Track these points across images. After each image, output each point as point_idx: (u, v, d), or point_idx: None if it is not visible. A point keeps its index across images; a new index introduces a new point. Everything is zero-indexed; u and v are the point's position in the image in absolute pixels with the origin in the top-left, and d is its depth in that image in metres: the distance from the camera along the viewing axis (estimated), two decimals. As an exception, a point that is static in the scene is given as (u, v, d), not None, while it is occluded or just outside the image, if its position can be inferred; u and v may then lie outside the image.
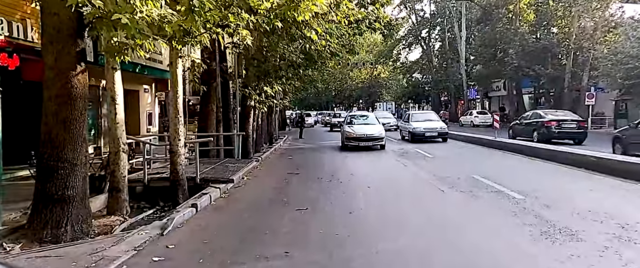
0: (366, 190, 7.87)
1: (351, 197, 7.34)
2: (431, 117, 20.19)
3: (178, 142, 8.08)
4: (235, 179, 8.82)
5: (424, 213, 6.01)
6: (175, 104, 8.04)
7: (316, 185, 8.58)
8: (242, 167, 10.32)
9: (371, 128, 16.28)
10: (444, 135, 18.32)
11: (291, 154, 15.47)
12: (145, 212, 7.61)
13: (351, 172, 10.15)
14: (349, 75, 53.47)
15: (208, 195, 7.03)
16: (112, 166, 7.17)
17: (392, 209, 6.37)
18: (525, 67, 25.99)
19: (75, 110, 5.50)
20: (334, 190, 7.98)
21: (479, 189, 7.58)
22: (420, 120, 19.21)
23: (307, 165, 12.18)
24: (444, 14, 39.13)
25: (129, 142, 8.94)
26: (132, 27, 5.06)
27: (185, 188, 8.05)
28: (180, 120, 8.07)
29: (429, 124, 18.71)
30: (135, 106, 15.81)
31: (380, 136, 15.61)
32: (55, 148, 5.38)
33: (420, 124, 18.62)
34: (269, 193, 7.73)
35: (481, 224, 5.41)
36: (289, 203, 6.84)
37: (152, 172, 9.39)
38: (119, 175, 7.14)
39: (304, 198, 7.17)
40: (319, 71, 19.16)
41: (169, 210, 7.66)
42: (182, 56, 8.24)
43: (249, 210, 6.43)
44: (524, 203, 6.33)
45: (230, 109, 13.50)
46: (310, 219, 5.80)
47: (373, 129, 16.10)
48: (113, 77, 7.14)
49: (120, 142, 7.16)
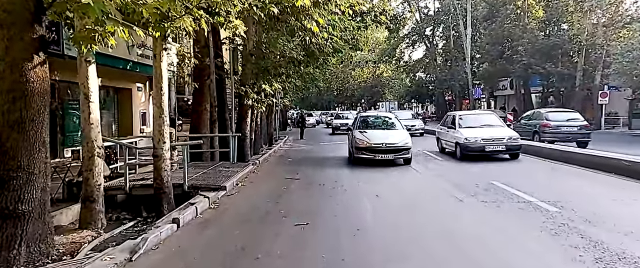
0: (374, 200, 6.95)
1: (358, 208, 6.44)
2: (491, 120, 13.19)
3: (163, 145, 7.17)
4: (228, 186, 7.92)
5: (444, 233, 5.07)
6: (160, 102, 7.13)
7: (318, 192, 7.68)
8: (236, 172, 9.42)
9: (393, 134, 11.76)
10: (515, 149, 11.84)
11: (291, 156, 14.55)
12: (124, 225, 6.73)
13: (358, 179, 9.18)
14: (351, 74, 52.57)
15: (194, 207, 6.14)
16: (86, 173, 6.28)
17: (405, 226, 5.46)
18: (535, 64, 25.03)
19: (31, 108, 4.61)
20: (337, 199, 7.08)
21: (504, 199, 6.66)
22: (475, 126, 12.45)
23: (307, 168, 11.28)
24: (449, 11, 38.19)
25: (109, 145, 8.05)
26: (97, 9, 4.19)
27: (170, 197, 7.15)
28: (164, 120, 7.16)
29: (489, 132, 11.98)
30: (127, 105, 14.95)
31: (405, 146, 11.14)
32: (6, 155, 4.50)
33: (474, 133, 11.94)
34: (264, 203, 6.82)
35: (517, 248, 4.47)
36: (287, 215, 5.94)
37: (137, 178, 8.50)
38: (93, 183, 6.25)
39: (305, 210, 6.28)
40: (321, 69, 18.21)
41: (152, 222, 6.80)
42: (168, 48, 7.34)
43: (240, 226, 5.53)
44: (560, 218, 5.42)
45: (226, 108, 12.61)
46: (311, 238, 4.90)
47: (395, 136, 11.55)
48: (86, 71, 6.26)
49: (94, 146, 6.27)
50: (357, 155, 11.26)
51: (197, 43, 10.60)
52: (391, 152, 11.07)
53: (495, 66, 30.05)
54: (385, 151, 11.03)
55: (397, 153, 11.11)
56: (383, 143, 11.10)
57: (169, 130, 8.04)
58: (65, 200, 7.32)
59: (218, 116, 11.84)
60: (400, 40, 43.23)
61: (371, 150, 11.09)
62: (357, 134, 11.74)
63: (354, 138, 11.69)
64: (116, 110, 14.99)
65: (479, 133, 11.90)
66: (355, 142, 11.45)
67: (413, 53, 47.18)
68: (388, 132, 12.03)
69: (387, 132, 12.03)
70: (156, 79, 7.10)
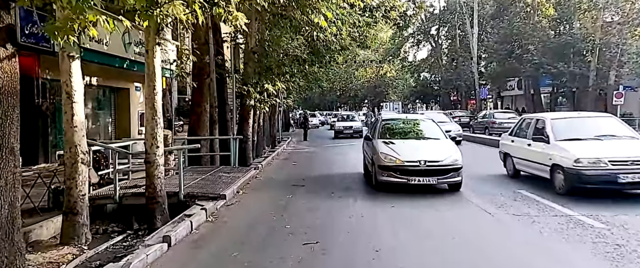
0: (391, 212, 6.25)
1: (373, 222, 5.73)
2: (613, 127, 8.14)
3: (156, 149, 6.47)
4: (228, 195, 7.23)
5: (483, 260, 4.33)
6: (152, 102, 6.44)
7: (327, 203, 6.97)
8: (238, 178, 8.73)
9: (433, 147, 8.31)
10: None
11: (296, 160, 13.84)
12: (112, 239, 6.04)
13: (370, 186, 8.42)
14: (354, 74, 51.89)
15: (188, 221, 5.44)
16: (68, 182, 5.60)
17: (428, 241, 4.74)
18: (546, 64, 24.22)
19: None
20: (349, 211, 6.37)
21: (538, 211, 5.94)
22: (587, 137, 7.61)
23: (314, 173, 10.58)
24: (455, 10, 37.44)
25: (96, 149, 7.37)
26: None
27: (164, 207, 6.45)
28: (158, 122, 6.46)
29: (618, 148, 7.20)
30: (125, 106, 14.30)
31: (454, 164, 7.68)
32: (-35, 165, 3.83)
33: (592, 150, 7.05)
34: (268, 216, 6.12)
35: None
36: (294, 232, 5.23)
37: (129, 185, 7.82)
38: (77, 193, 5.58)
39: (313, 225, 5.58)
40: (326, 68, 17.50)
41: (145, 235, 6.12)
42: (162, 43, 6.65)
43: (240, 246, 4.82)
44: (613, 237, 4.71)
45: (226, 108, 11.92)
46: (321, 263, 4.19)
47: (437, 149, 8.12)
48: (69, 67, 5.57)
49: (78, 151, 5.59)
50: (382, 177, 7.65)
51: (196, 39, 9.91)
52: (434, 174, 7.52)
53: (503, 65, 29.26)
54: (424, 172, 7.47)
55: (442, 175, 7.56)
56: (421, 161, 7.49)
57: (163, 133, 7.39)
58: (50, 209, 6.64)
59: (218, 117, 11.15)
60: (404, 39, 42.46)
61: (404, 170, 7.51)
62: (380, 147, 8.08)
63: (376, 152, 8.02)
64: (113, 111, 14.36)
65: (601, 150, 6.94)
66: (378, 159, 7.81)
67: (418, 53, 46.51)
68: (425, 143, 8.50)
69: (423, 143, 8.49)
70: (149, 76, 6.41)
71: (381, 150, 7.97)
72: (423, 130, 9.16)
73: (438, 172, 7.56)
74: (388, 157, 7.73)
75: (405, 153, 7.77)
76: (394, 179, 7.58)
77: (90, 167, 7.16)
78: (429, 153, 7.80)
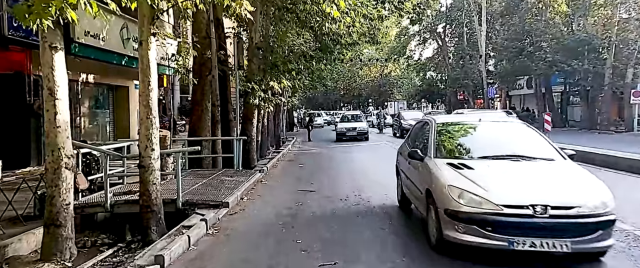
0: (416, 220, 5.53)
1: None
2: None
3: (151, 152, 5.79)
4: (231, 202, 6.55)
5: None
6: (147, 100, 5.75)
7: (340, 211, 6.27)
8: (241, 182, 8.05)
9: (550, 177, 4.52)
10: None
11: (302, 161, 13.15)
12: (101, 254, 5.37)
13: (385, 192, 7.45)
14: (358, 73, 51.21)
15: (186, 236, 4.76)
16: (50, 190, 4.93)
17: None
18: (560, 61, 23.42)
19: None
20: (366, 221, 5.67)
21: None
22: None
23: (322, 176, 9.88)
24: (462, 7, 36.69)
25: (85, 152, 6.70)
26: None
27: (160, 216, 5.77)
28: (153, 122, 5.78)
29: None
30: (124, 104, 13.75)
31: (602, 212, 3.97)
32: None
33: None
34: (276, 228, 5.43)
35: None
36: (308, 248, 4.54)
37: (123, 191, 7.15)
38: (59, 202, 4.90)
39: (328, 238, 4.89)
40: (332, 65, 16.83)
41: (138, 248, 5.46)
42: (157, 33, 5.97)
43: (244, 266, 4.13)
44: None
45: (229, 107, 11.24)
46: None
47: (561, 183, 4.37)
48: (51, 59, 4.91)
49: (61, 154, 4.92)
50: (456, 234, 4.10)
51: (196, 32, 9.24)
52: (564, 232, 3.90)
53: (514, 64, 28.47)
54: (544, 228, 3.89)
55: (580, 234, 3.90)
56: (537, 205, 3.91)
57: (161, 133, 6.72)
58: (36, 217, 6.01)
59: (221, 116, 10.47)
60: (410, 37, 41.67)
61: (500, 224, 3.95)
62: (446, 174, 4.54)
63: (436, 183, 4.55)
64: (112, 110, 13.78)
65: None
66: (443, 196, 4.31)
67: (424, 51, 45.75)
68: (531, 168, 4.75)
69: (528, 168, 4.75)
70: (143, 71, 5.72)
71: (449, 180, 4.31)
72: (518, 143, 5.24)
73: (572, 229, 3.87)
74: (466, 194, 4.08)
75: (499, 187, 4.15)
76: (479, 239, 3.94)
77: (79, 172, 6.53)
78: (547, 189, 4.16)
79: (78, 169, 6.37)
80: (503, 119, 7.35)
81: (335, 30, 8.63)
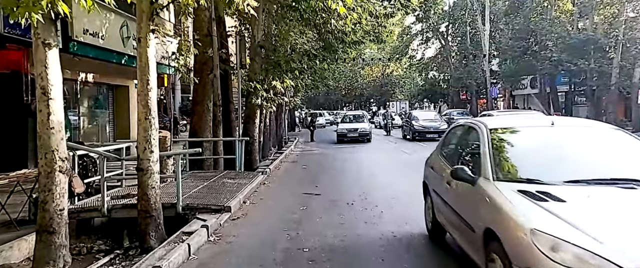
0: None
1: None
2: None
3: (149, 154, 5.53)
4: (234, 206, 6.29)
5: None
6: (146, 100, 5.48)
7: (348, 216, 6.00)
8: (244, 185, 7.78)
9: None
10: None
11: (305, 163, 12.88)
12: (96, 261, 5.11)
13: (392, 195, 7.20)
14: (360, 73, 50.96)
15: (186, 244, 4.49)
16: (43, 195, 4.67)
17: None
18: (565, 61, 23.08)
19: None
20: (376, 227, 5.40)
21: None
22: None
23: (327, 178, 9.61)
24: (466, 6, 36.39)
25: (82, 154, 6.45)
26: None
27: (159, 222, 5.51)
28: (152, 122, 5.51)
29: None
30: (124, 105, 13.52)
31: None
32: None
33: None
34: (280, 234, 5.15)
35: None
36: (315, 258, 4.27)
37: (122, 194, 6.90)
38: (53, 208, 4.64)
39: (336, 245, 4.62)
40: (335, 65, 16.58)
41: (136, 255, 5.21)
42: (157, 29, 5.71)
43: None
44: None
45: (231, 107, 10.98)
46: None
47: None
48: (45, 57, 4.65)
49: (55, 157, 4.67)
50: None
51: (197, 30, 8.99)
52: None
53: (518, 63, 28.14)
54: None
55: None
56: None
57: (160, 134, 6.47)
58: (30, 222, 5.75)
59: (222, 117, 10.22)
60: (413, 37, 41.35)
61: None
62: (526, 213, 2.75)
63: (510, 230, 2.75)
64: (112, 110, 13.56)
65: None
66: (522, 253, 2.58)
67: (426, 51, 45.48)
68: None
69: None
70: (141, 69, 5.46)
71: (533, 222, 2.65)
72: (621, 159, 3.67)
73: None
74: (566, 246, 2.45)
75: (619, 235, 2.54)
76: None
77: (76, 175, 6.28)
78: None
79: (74, 172, 6.12)
80: (582, 124, 4.79)
81: (340, 27, 8.35)
